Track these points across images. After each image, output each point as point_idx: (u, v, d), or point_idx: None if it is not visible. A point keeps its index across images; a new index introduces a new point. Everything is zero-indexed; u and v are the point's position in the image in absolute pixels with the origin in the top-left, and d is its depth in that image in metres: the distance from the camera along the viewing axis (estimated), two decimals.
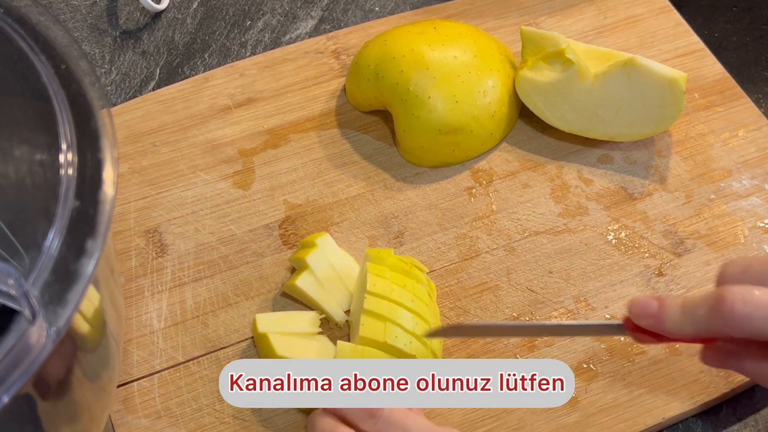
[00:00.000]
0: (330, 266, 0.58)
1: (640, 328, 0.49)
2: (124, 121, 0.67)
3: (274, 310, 0.59)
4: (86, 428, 0.48)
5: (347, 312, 0.59)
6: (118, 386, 0.56)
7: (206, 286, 0.60)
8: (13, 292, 0.35)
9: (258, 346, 0.57)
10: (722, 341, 0.49)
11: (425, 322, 0.55)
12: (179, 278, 0.60)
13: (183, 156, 0.65)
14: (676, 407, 0.56)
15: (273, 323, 0.57)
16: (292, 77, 0.70)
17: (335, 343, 0.57)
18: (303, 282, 0.57)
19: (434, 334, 0.54)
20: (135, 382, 0.56)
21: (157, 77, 0.71)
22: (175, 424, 0.55)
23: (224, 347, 0.58)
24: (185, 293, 0.59)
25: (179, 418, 0.55)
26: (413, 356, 0.54)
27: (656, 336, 0.48)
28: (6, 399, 0.35)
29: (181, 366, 0.57)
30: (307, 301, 0.58)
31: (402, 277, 0.56)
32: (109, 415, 0.55)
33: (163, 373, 0.56)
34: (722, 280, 0.49)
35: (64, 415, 0.44)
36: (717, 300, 0.46)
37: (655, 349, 0.58)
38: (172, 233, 0.62)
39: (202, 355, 0.57)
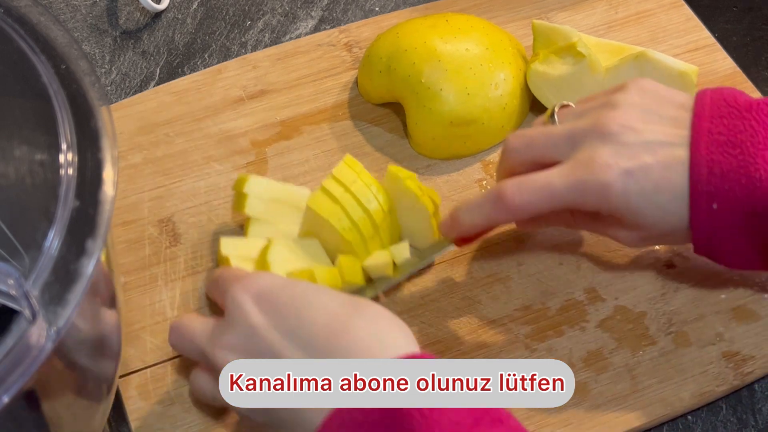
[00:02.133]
0: (269, 201, 0.59)
1: (458, 239, 0.57)
2: (137, 112, 0.67)
3: None
4: (86, 427, 0.48)
5: None
6: (131, 373, 0.56)
7: None
8: (13, 292, 0.35)
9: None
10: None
11: (371, 224, 0.57)
12: (192, 267, 0.60)
13: (196, 147, 0.66)
14: (685, 398, 0.56)
15: (236, 247, 0.58)
16: (305, 69, 0.70)
17: None
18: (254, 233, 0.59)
19: None
20: (148, 369, 0.56)
21: (157, 77, 0.71)
22: (188, 410, 0.55)
23: None
24: (198, 282, 0.60)
25: (192, 404, 0.55)
26: (348, 242, 0.56)
27: (467, 239, 0.57)
28: (6, 399, 0.35)
29: None
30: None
31: (375, 182, 0.58)
32: (123, 403, 0.55)
33: (176, 360, 0.57)
34: (506, 152, 0.55)
35: (64, 414, 0.44)
36: (497, 196, 0.52)
37: (664, 341, 0.58)
38: (185, 223, 0.62)
39: None
